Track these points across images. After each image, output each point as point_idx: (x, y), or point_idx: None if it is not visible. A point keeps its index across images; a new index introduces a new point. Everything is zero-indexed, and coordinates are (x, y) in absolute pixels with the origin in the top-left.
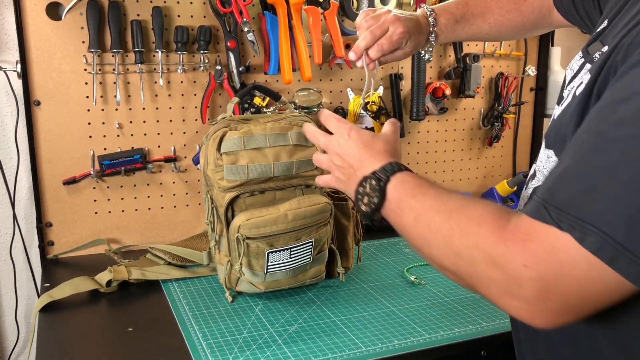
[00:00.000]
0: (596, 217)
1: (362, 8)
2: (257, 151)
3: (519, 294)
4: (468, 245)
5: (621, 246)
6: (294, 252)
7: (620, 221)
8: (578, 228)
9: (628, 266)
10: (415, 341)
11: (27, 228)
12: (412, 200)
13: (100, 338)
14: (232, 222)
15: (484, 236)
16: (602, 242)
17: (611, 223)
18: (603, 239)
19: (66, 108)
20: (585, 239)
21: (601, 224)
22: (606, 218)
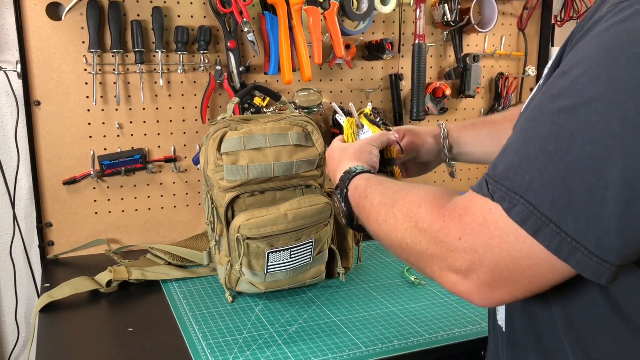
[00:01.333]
0: (524, 188)
1: (362, 8)
2: (257, 151)
3: (455, 266)
4: (410, 227)
5: (546, 217)
6: (294, 252)
7: (547, 192)
8: (507, 199)
9: (551, 238)
10: (415, 341)
11: (27, 228)
12: (365, 201)
13: (100, 338)
14: (232, 222)
15: (423, 215)
16: (528, 213)
17: (537, 194)
18: (529, 210)
19: (66, 108)
20: (512, 209)
21: (528, 195)
22: (533, 189)
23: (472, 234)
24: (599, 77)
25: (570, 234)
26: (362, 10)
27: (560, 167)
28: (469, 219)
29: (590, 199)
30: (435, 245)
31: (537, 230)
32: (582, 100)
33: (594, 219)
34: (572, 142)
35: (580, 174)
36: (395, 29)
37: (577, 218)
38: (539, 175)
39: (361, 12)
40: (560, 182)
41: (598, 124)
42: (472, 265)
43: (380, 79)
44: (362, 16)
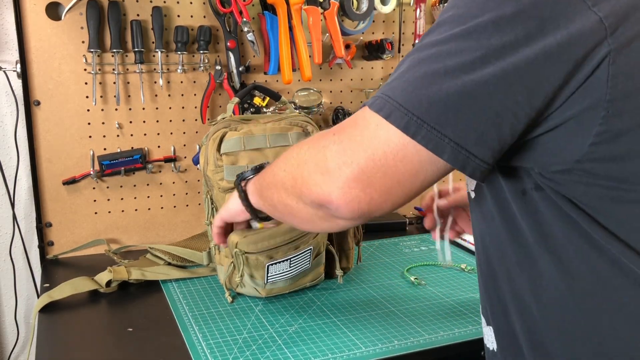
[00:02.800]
0: (387, 88)
1: (362, 8)
2: (257, 152)
3: (323, 164)
4: (302, 147)
5: (397, 103)
6: (293, 262)
7: (399, 86)
8: (373, 98)
9: (401, 119)
10: (415, 341)
11: (27, 228)
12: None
13: (100, 338)
14: (229, 239)
15: (315, 136)
16: (384, 102)
17: (393, 88)
18: (384, 100)
19: (66, 108)
20: (373, 103)
21: (387, 91)
22: (392, 86)
23: (343, 129)
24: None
25: (415, 113)
26: (362, 10)
27: (413, 65)
28: (345, 122)
29: (433, 83)
30: (312, 149)
31: (390, 114)
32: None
33: (435, 98)
34: (424, 47)
35: (427, 65)
36: (395, 29)
37: (421, 100)
38: (398, 76)
39: (361, 12)
40: (412, 75)
41: (445, 32)
42: (337, 156)
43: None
44: (362, 16)
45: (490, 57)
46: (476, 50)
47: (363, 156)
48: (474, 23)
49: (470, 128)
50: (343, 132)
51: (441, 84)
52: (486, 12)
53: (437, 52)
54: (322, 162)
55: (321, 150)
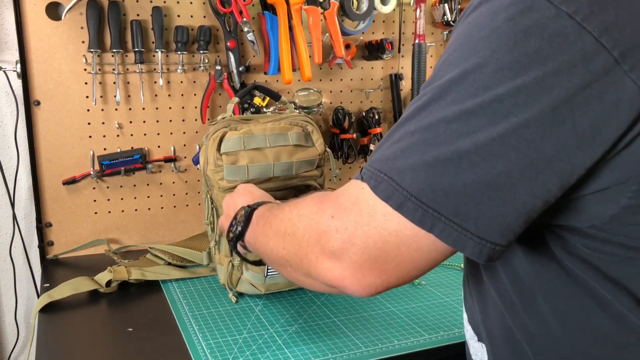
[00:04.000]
0: (388, 167)
1: (362, 8)
2: (257, 151)
3: (328, 248)
4: (291, 217)
5: (407, 192)
6: None
7: (406, 169)
8: (374, 177)
9: (414, 211)
10: (415, 341)
11: (27, 228)
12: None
13: (100, 338)
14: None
15: (305, 205)
16: (392, 190)
17: (399, 171)
18: (392, 187)
19: (66, 108)
20: (377, 187)
21: (391, 173)
22: (395, 167)
23: (344, 212)
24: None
25: (430, 205)
26: (362, 10)
27: (419, 145)
28: (344, 199)
29: (446, 171)
30: (310, 229)
31: (401, 205)
32: (439, 81)
33: (451, 189)
34: (429, 123)
35: (437, 149)
36: (395, 29)
37: (435, 190)
38: (401, 153)
39: (361, 12)
40: (419, 157)
41: (453, 103)
42: (343, 244)
43: (380, 79)
44: (362, 16)
45: (511, 138)
46: (493, 129)
47: (374, 247)
48: (489, 96)
49: (494, 221)
50: (344, 215)
51: (456, 172)
52: (501, 83)
53: (447, 130)
54: (328, 247)
55: (322, 234)
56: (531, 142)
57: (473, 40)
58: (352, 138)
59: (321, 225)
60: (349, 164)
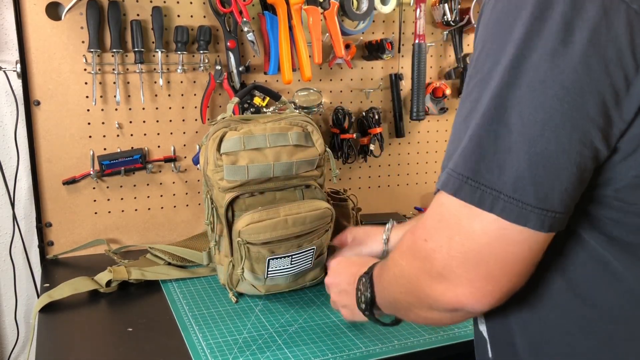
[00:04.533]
0: (454, 163)
1: (362, 8)
2: (257, 151)
3: (434, 273)
4: (398, 260)
5: (463, 176)
6: (295, 259)
7: (464, 155)
8: (447, 180)
9: (472, 193)
10: (415, 341)
11: (27, 228)
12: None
13: (100, 338)
14: (234, 227)
15: (405, 241)
16: (460, 183)
17: (458, 162)
18: (459, 180)
19: (66, 108)
20: (454, 188)
21: (457, 168)
22: (456, 160)
23: (434, 232)
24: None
25: (488, 185)
26: (362, 10)
27: (471, 129)
28: (430, 221)
29: (498, 148)
30: (413, 261)
31: (467, 194)
32: (482, 74)
33: (505, 164)
34: (478, 106)
35: (487, 128)
36: (395, 29)
37: (490, 168)
38: (459, 144)
39: (361, 12)
40: (473, 140)
41: (493, 80)
42: (445, 262)
43: (380, 79)
44: (362, 16)
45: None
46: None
47: (472, 254)
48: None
49: (553, 189)
50: (436, 234)
51: (510, 148)
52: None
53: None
54: (433, 270)
55: (424, 260)
56: (573, 103)
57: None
58: (352, 138)
59: (421, 253)
60: (349, 164)
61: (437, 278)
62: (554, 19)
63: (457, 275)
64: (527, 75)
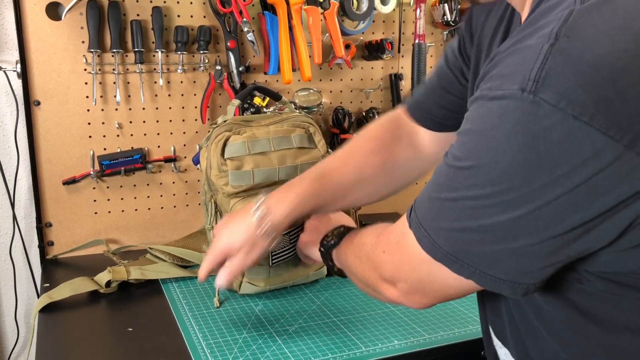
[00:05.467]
0: (427, 225)
1: (362, 8)
2: (262, 155)
3: (384, 276)
4: (359, 251)
5: (444, 250)
6: (292, 236)
7: (442, 233)
8: (418, 229)
9: (453, 264)
10: (415, 341)
11: (27, 228)
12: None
13: (100, 338)
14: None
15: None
16: (431, 245)
17: (438, 234)
18: (432, 243)
19: (66, 108)
20: (421, 239)
21: (430, 231)
22: (433, 227)
23: (391, 250)
24: (479, 148)
25: (466, 262)
26: (362, 10)
27: (449, 212)
28: (392, 237)
29: (474, 240)
30: (369, 259)
31: (442, 258)
32: (467, 162)
33: (480, 253)
34: (456, 197)
35: (463, 222)
36: (395, 29)
37: (467, 252)
38: (436, 215)
39: (361, 12)
40: (451, 224)
41: (475, 187)
42: (393, 275)
43: (380, 79)
44: (362, 16)
45: (529, 220)
46: (511, 213)
47: (417, 282)
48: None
49: (523, 272)
50: (392, 253)
51: (483, 243)
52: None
53: (471, 208)
54: (383, 275)
55: (378, 265)
56: (549, 223)
57: (486, 136)
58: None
59: (377, 257)
60: None
61: (385, 280)
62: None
63: (401, 287)
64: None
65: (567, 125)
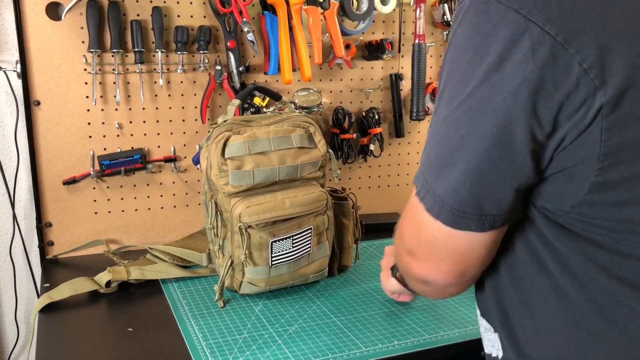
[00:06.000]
0: (421, 169)
1: (362, 8)
2: (263, 155)
3: (407, 248)
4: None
5: (425, 181)
6: (295, 241)
7: (426, 163)
8: (417, 180)
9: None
10: (415, 341)
11: (27, 228)
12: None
13: (100, 338)
14: (233, 212)
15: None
16: (423, 189)
17: (424, 169)
18: (423, 186)
19: (66, 108)
20: (418, 189)
21: (424, 172)
22: (423, 162)
23: (406, 216)
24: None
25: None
26: (362, 10)
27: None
28: (407, 208)
29: (446, 165)
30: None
31: (423, 198)
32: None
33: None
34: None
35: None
36: (395, 29)
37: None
38: (426, 153)
39: (361, 12)
40: (432, 152)
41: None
42: (411, 243)
43: (380, 79)
44: (362, 16)
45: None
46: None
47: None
48: (464, 95)
49: (487, 199)
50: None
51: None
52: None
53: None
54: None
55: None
56: (500, 127)
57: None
58: (352, 138)
59: (400, 230)
60: (349, 164)
61: (408, 252)
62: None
63: (419, 254)
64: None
65: (509, 17)
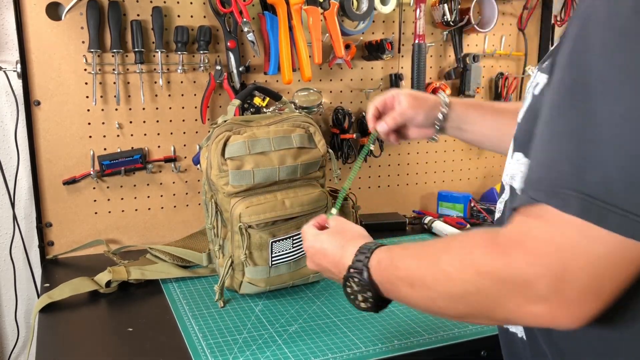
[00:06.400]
0: (573, 180)
1: (362, 8)
2: (263, 155)
3: (535, 296)
4: (469, 278)
5: (605, 203)
6: (295, 241)
7: (598, 179)
8: (557, 196)
9: (619, 221)
10: (415, 341)
11: (27, 228)
12: (397, 272)
13: (100, 338)
14: (233, 212)
15: (479, 259)
16: (585, 203)
17: (588, 182)
18: (585, 200)
19: (66, 108)
20: (567, 204)
21: (579, 186)
22: (582, 178)
23: (541, 255)
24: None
25: (620, 206)
26: (362, 10)
27: (608, 152)
28: (531, 241)
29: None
30: (505, 284)
31: (601, 218)
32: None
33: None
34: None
35: (609, 151)
36: (395, 29)
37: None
38: (584, 164)
39: (361, 12)
40: (614, 167)
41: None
42: (553, 286)
43: (380, 79)
44: (362, 16)
45: None
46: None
47: (586, 276)
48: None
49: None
50: (541, 256)
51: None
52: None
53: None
54: (533, 295)
55: (524, 284)
56: None
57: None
58: (352, 138)
59: (520, 278)
60: (348, 164)
61: (536, 301)
62: None
63: (565, 299)
64: None
65: None
